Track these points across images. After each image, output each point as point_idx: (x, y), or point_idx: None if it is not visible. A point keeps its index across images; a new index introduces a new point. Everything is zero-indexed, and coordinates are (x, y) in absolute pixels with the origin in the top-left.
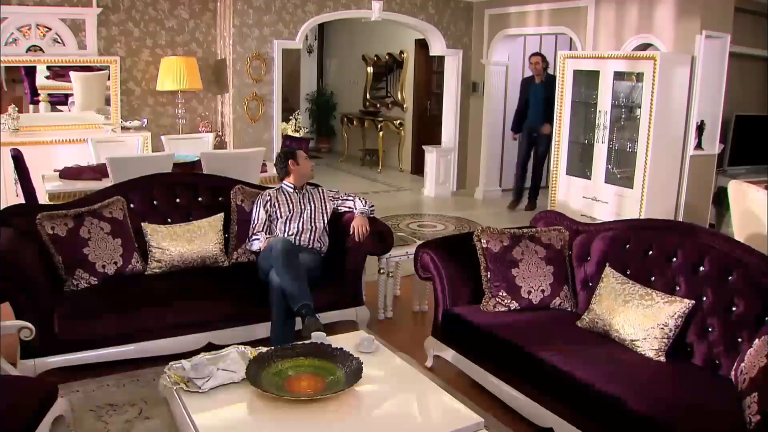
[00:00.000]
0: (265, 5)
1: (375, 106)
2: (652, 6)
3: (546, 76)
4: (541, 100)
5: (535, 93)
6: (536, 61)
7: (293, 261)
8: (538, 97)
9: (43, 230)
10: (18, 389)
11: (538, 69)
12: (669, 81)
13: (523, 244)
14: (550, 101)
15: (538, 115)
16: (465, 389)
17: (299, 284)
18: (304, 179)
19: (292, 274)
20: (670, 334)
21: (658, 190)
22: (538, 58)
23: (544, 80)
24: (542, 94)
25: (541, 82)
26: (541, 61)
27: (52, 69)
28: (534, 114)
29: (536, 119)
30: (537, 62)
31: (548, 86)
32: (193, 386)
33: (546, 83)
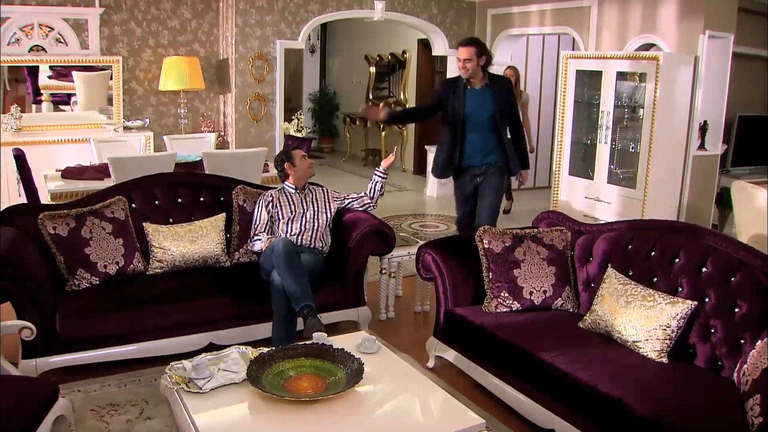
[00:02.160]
0: (268, 5)
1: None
2: (655, 6)
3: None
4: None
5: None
6: (510, 74)
7: (295, 261)
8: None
9: (44, 230)
10: (19, 389)
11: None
12: (672, 81)
13: (525, 244)
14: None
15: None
16: (467, 390)
17: (301, 284)
18: (305, 179)
19: (294, 275)
20: (673, 335)
21: (661, 190)
22: (513, 72)
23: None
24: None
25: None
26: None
27: (55, 69)
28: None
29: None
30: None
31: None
32: (193, 386)
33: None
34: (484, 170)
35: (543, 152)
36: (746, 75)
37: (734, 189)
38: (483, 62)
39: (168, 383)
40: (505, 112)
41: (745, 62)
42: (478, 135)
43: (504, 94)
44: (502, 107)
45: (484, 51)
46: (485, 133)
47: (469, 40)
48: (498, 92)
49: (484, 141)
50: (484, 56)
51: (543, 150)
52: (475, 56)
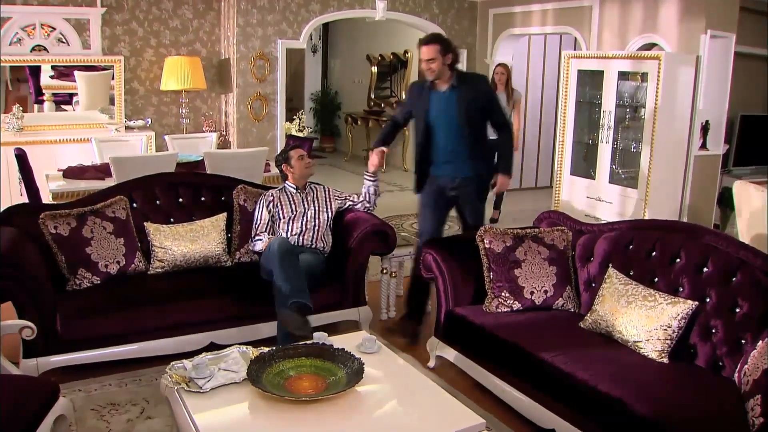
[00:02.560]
0: (269, 5)
1: (379, 106)
2: (656, 6)
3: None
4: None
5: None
6: (500, 71)
7: (290, 260)
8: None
9: (46, 229)
10: (19, 388)
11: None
12: (673, 81)
13: (525, 244)
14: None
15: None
16: (467, 390)
17: (292, 282)
18: (303, 179)
19: (286, 273)
20: (674, 335)
21: (663, 190)
22: (504, 69)
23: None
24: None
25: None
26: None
27: (57, 68)
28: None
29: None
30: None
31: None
32: (194, 386)
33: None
34: (457, 184)
35: (544, 152)
36: (748, 75)
37: (736, 189)
38: (449, 60)
39: (168, 383)
40: (476, 114)
41: (746, 62)
42: (445, 144)
43: (474, 94)
44: (470, 110)
45: (450, 48)
46: (453, 141)
47: (431, 38)
48: (465, 93)
49: (453, 150)
50: (449, 54)
51: (544, 150)
52: (440, 54)
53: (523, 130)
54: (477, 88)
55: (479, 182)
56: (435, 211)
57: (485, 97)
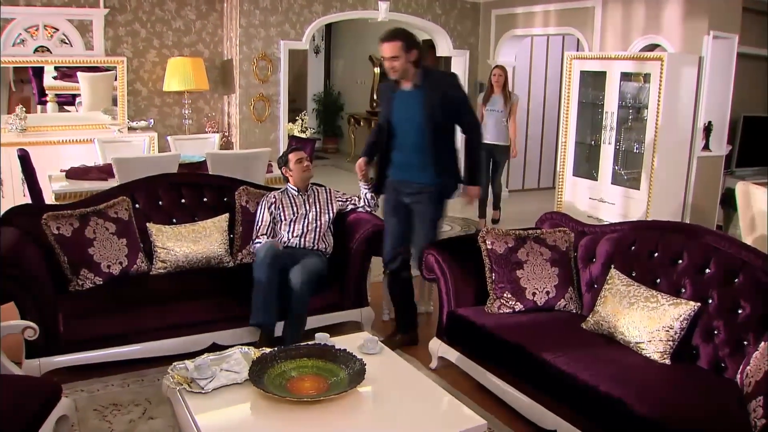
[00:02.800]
0: (272, 6)
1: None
2: (659, 6)
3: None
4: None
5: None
6: (498, 73)
7: (269, 275)
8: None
9: (48, 230)
10: (22, 389)
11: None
12: (676, 82)
13: (527, 245)
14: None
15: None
16: (469, 391)
17: (260, 299)
18: (302, 181)
19: (258, 288)
20: (676, 336)
21: (665, 191)
22: (501, 71)
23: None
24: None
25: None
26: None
27: (60, 69)
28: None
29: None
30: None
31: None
32: (196, 387)
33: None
34: (415, 192)
35: (547, 153)
36: (751, 75)
37: (738, 190)
38: (413, 57)
39: (170, 383)
40: (441, 116)
41: (749, 63)
42: (407, 147)
43: (441, 93)
44: (435, 110)
45: (413, 44)
46: (417, 145)
47: (392, 34)
48: (431, 92)
49: (416, 154)
50: (414, 50)
51: (547, 151)
52: (403, 51)
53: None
54: (443, 86)
55: (438, 194)
56: (398, 223)
57: (452, 96)
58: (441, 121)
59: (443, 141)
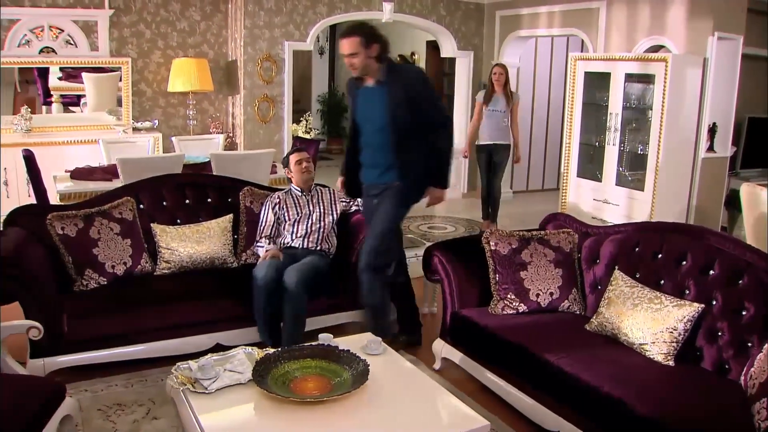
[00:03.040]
0: (276, 7)
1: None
2: (664, 7)
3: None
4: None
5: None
6: (498, 71)
7: (268, 301)
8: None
9: (53, 230)
10: (26, 388)
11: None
12: (681, 83)
13: (531, 246)
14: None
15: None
16: (473, 392)
17: (261, 323)
18: (304, 183)
19: (258, 312)
20: (679, 338)
21: (670, 192)
22: (502, 69)
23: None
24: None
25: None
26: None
27: (65, 70)
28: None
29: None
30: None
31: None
32: (199, 387)
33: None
34: (380, 191)
35: (551, 154)
36: (756, 77)
37: (743, 191)
38: (375, 52)
39: (174, 383)
40: (405, 112)
41: (754, 64)
42: (371, 146)
43: (404, 89)
44: (399, 108)
45: (374, 38)
46: (380, 144)
47: (351, 29)
48: (394, 88)
49: (380, 154)
50: (375, 44)
51: (551, 152)
52: (362, 47)
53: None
54: (406, 81)
55: (401, 195)
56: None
57: (416, 91)
58: (406, 119)
59: (410, 140)
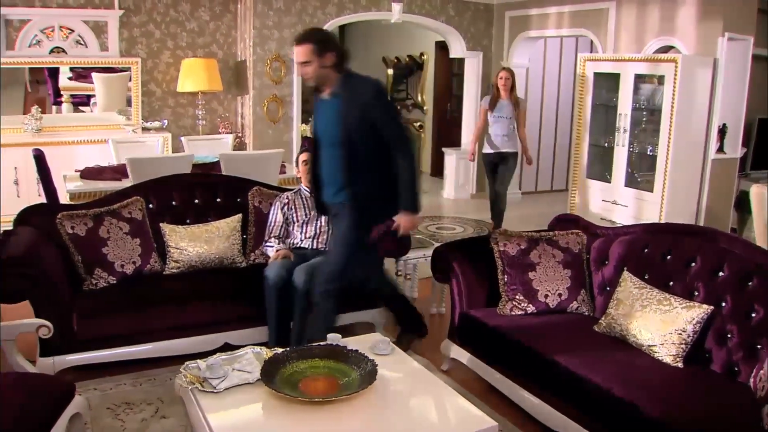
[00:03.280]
0: (285, 7)
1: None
2: (673, 8)
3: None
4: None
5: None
6: (504, 76)
7: (280, 303)
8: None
9: (63, 230)
10: (36, 386)
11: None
12: (690, 84)
13: (540, 247)
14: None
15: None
16: (481, 393)
17: (274, 325)
18: None
19: (270, 312)
20: (689, 339)
21: (679, 193)
22: (508, 74)
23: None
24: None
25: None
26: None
27: (75, 70)
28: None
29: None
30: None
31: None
32: (208, 386)
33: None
34: (336, 211)
35: (560, 155)
36: (766, 77)
37: (753, 192)
38: (329, 61)
39: (183, 382)
40: (357, 127)
41: (764, 64)
42: (327, 162)
43: (357, 103)
44: (351, 123)
45: (328, 46)
46: (334, 161)
47: (303, 36)
48: (348, 100)
49: (335, 172)
50: (329, 53)
51: (560, 153)
52: (315, 56)
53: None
54: (359, 94)
55: (354, 219)
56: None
57: (369, 106)
58: (358, 135)
59: (362, 160)
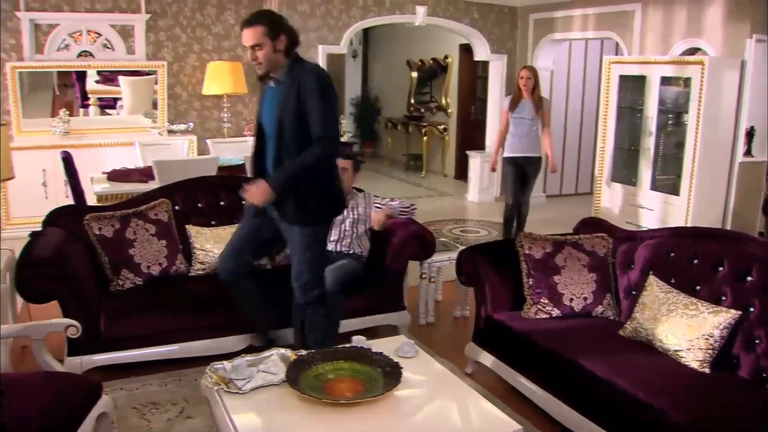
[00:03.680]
0: (310, 10)
1: (419, 111)
2: (700, 10)
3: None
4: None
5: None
6: (526, 75)
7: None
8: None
9: (90, 231)
10: (64, 385)
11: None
12: (718, 86)
13: (565, 250)
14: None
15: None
16: (505, 396)
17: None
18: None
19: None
20: (716, 345)
21: (706, 197)
22: (530, 73)
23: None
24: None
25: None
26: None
27: (102, 73)
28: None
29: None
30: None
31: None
32: (233, 387)
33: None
34: (276, 208)
35: (585, 158)
36: None
37: None
38: (282, 45)
39: (208, 383)
40: (292, 118)
41: None
42: (269, 156)
43: (296, 91)
44: (287, 112)
45: (281, 28)
46: (273, 151)
47: (253, 17)
48: (286, 89)
49: (274, 162)
50: (282, 36)
51: (585, 156)
52: (267, 38)
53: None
54: (300, 82)
55: (298, 220)
56: (249, 230)
57: (306, 95)
58: (291, 125)
59: (295, 149)
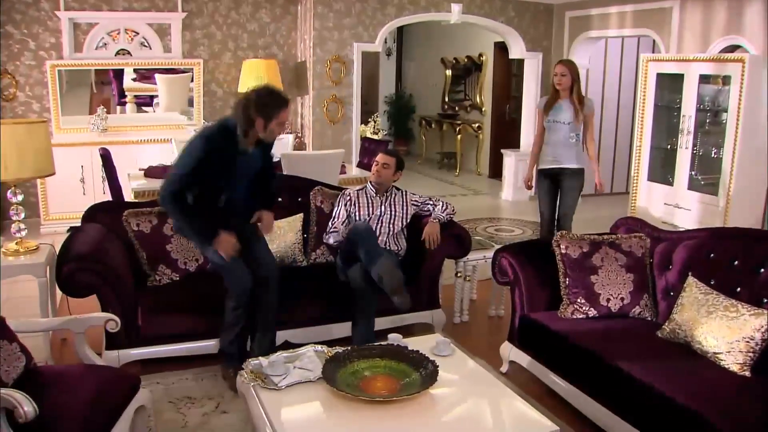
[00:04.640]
0: (345, 8)
1: (453, 109)
2: (740, 6)
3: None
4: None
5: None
6: (560, 72)
7: (372, 238)
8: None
9: (128, 227)
10: (105, 378)
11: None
12: (758, 84)
13: (602, 250)
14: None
15: None
16: (540, 396)
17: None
18: (379, 185)
19: (367, 244)
20: (757, 348)
21: (745, 198)
22: (565, 68)
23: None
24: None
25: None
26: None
27: (139, 72)
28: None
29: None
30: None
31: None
32: (269, 383)
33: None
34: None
35: (621, 157)
36: None
37: None
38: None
39: (244, 379)
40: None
41: None
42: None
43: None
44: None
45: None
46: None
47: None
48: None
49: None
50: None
51: (621, 155)
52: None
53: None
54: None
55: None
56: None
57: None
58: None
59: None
